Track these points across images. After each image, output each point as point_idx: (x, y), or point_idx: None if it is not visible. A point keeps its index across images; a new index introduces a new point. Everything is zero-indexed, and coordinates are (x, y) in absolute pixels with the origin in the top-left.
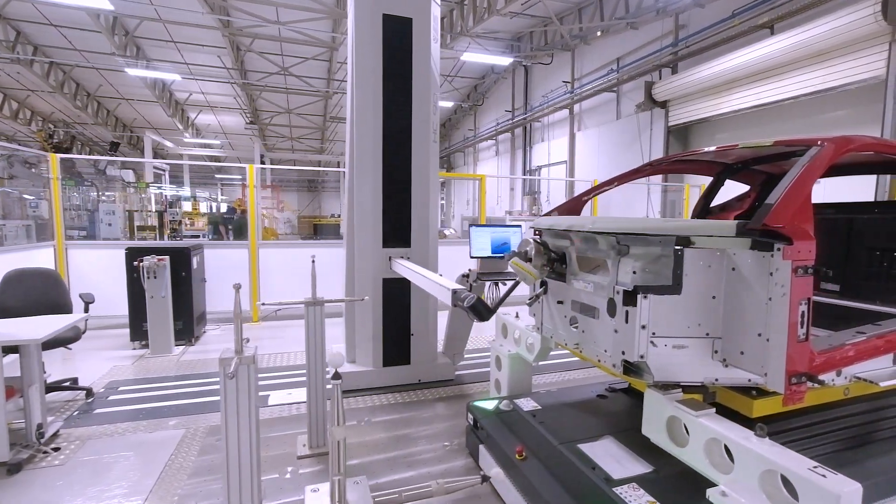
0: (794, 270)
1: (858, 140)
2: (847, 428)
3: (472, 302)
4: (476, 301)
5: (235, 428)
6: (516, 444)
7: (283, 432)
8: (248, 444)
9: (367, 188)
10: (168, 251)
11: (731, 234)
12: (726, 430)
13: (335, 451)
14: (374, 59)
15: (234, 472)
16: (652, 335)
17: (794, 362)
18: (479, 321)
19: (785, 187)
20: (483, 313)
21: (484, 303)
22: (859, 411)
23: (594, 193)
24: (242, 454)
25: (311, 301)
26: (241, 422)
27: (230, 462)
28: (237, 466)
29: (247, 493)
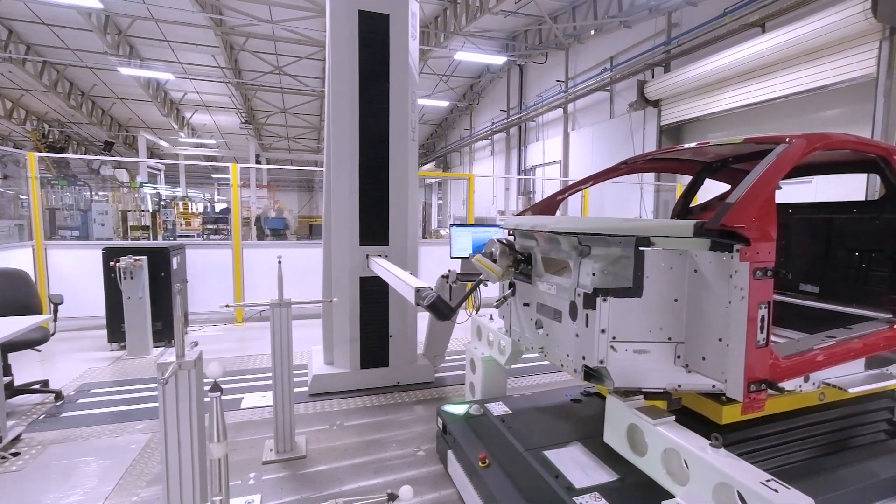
0: (753, 273)
1: (827, 138)
2: (822, 434)
3: (433, 300)
4: (436, 299)
5: (175, 438)
6: (481, 450)
7: (253, 436)
8: (189, 455)
9: (344, 185)
10: (146, 251)
11: (689, 234)
12: (683, 439)
13: (215, 470)
14: (349, 56)
15: (175, 487)
16: (612, 339)
17: (754, 369)
18: (439, 320)
19: (746, 186)
20: (443, 312)
21: (444, 302)
22: (835, 417)
23: (569, 193)
24: (184, 467)
25: (278, 302)
26: (182, 431)
27: (170, 477)
28: (178, 481)
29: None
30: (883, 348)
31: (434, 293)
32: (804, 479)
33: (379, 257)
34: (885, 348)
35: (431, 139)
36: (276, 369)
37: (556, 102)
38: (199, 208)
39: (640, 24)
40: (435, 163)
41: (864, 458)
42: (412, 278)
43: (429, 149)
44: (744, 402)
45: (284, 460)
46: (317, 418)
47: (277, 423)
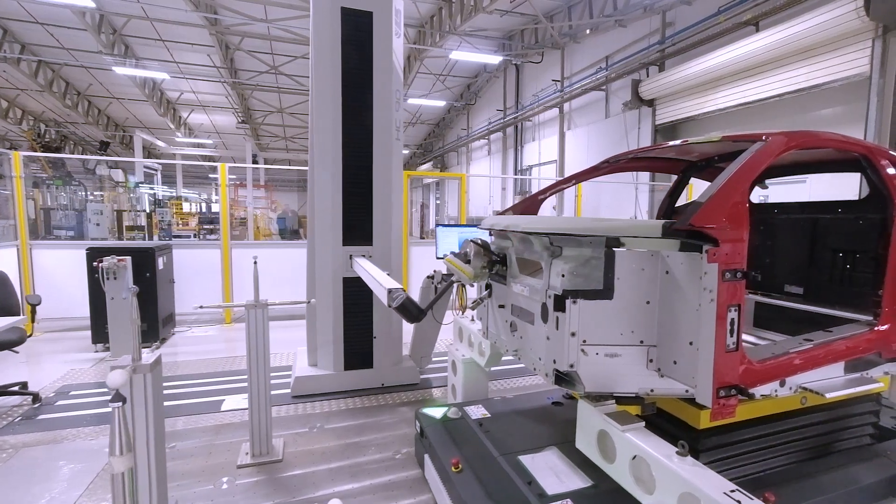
0: (722, 274)
1: (804, 136)
2: (805, 439)
3: (401, 301)
4: (405, 301)
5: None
6: (455, 455)
7: (231, 439)
8: (144, 463)
9: (326, 184)
10: (130, 251)
11: (658, 234)
12: (650, 446)
13: (118, 486)
14: (332, 54)
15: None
16: (583, 343)
17: (723, 373)
18: (408, 322)
19: (717, 186)
20: (412, 314)
21: (414, 303)
22: (818, 420)
23: (551, 192)
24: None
25: (253, 304)
26: (138, 438)
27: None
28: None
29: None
30: (862, 351)
31: (404, 294)
32: (784, 485)
33: (362, 258)
34: (864, 351)
35: (429, 139)
36: (252, 372)
37: (551, 102)
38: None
39: (636, 23)
40: (432, 163)
41: (847, 462)
42: (386, 279)
43: (426, 149)
44: (713, 409)
45: (260, 464)
46: (297, 421)
47: (253, 426)
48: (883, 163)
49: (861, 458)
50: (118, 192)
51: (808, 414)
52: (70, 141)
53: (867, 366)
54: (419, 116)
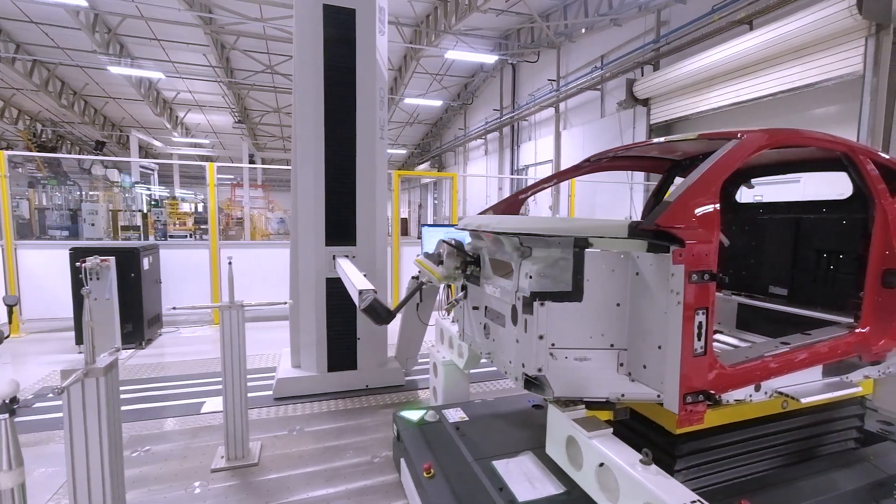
0: (688, 276)
1: (780, 134)
2: (787, 443)
3: (368, 303)
4: (373, 302)
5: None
6: (428, 459)
7: (209, 442)
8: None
9: (309, 184)
10: (114, 251)
11: (624, 235)
12: (615, 453)
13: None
14: (314, 51)
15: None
16: (551, 346)
17: (690, 379)
18: (376, 324)
19: (687, 185)
20: (380, 316)
21: (382, 305)
22: (801, 424)
23: (532, 192)
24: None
25: (227, 305)
26: (91, 445)
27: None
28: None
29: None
30: (841, 355)
31: (372, 296)
32: (763, 491)
33: (344, 258)
34: (843, 355)
35: (427, 139)
36: (227, 375)
37: (547, 101)
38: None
39: (631, 22)
40: (430, 163)
41: (829, 468)
42: (360, 280)
43: (424, 148)
44: (679, 415)
45: (234, 468)
46: (277, 423)
47: (228, 429)
48: (864, 161)
49: (844, 463)
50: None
51: (791, 418)
52: (67, 141)
53: (847, 369)
54: (416, 116)
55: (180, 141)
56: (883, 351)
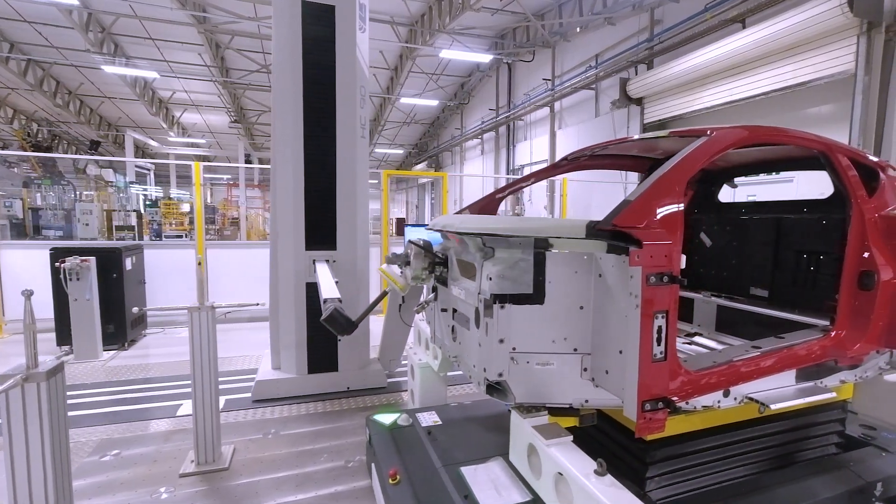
0: (646, 278)
1: (749, 131)
2: (765, 448)
3: (328, 314)
4: (333, 313)
5: (24, 461)
6: (395, 465)
7: (181, 445)
8: (40, 479)
9: (288, 186)
10: (95, 252)
11: (581, 235)
12: (571, 462)
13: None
14: (292, 48)
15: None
16: (512, 350)
17: (649, 386)
18: (338, 335)
19: (648, 183)
20: (342, 327)
21: (343, 315)
22: (780, 429)
23: (509, 191)
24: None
25: (197, 307)
26: (32, 452)
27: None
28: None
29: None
30: (815, 359)
31: (332, 305)
32: (737, 499)
33: (322, 263)
34: (817, 359)
35: (424, 139)
36: (197, 377)
37: (542, 101)
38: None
39: (625, 21)
40: (427, 162)
41: (807, 474)
42: (328, 288)
43: (421, 148)
44: (637, 423)
45: (204, 472)
46: (253, 426)
47: (198, 433)
48: (841, 160)
49: (823, 470)
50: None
51: (769, 423)
52: (63, 140)
53: (822, 373)
54: (413, 116)
55: (176, 141)
56: (859, 355)
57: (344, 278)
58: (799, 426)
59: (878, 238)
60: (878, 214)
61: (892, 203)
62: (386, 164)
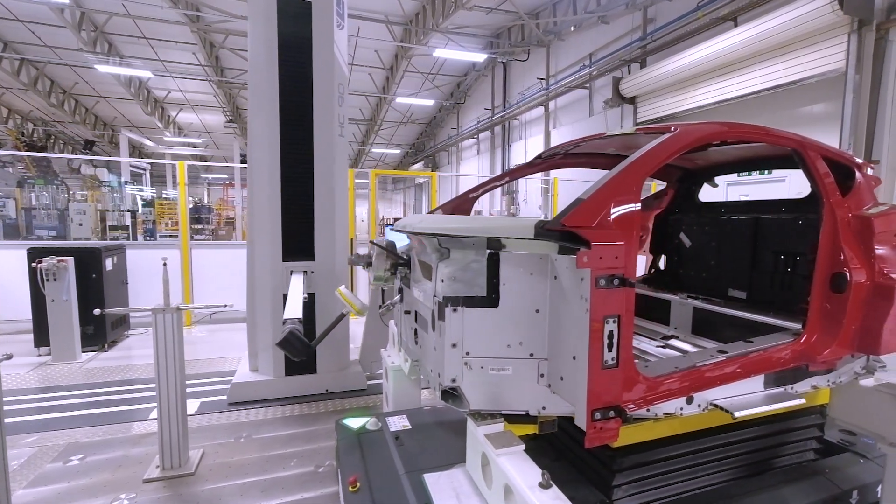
0: (595, 281)
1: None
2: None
3: (283, 337)
4: (287, 335)
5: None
6: (357, 471)
7: (149, 450)
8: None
9: (263, 194)
10: (73, 252)
11: (530, 235)
12: (517, 473)
13: None
14: (268, 46)
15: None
16: (466, 355)
17: (599, 393)
18: (294, 358)
19: (603, 181)
20: (296, 349)
21: (298, 338)
22: (756, 435)
23: (483, 190)
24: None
25: (161, 308)
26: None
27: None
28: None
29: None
30: (784, 364)
31: (289, 328)
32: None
33: (299, 275)
34: (786, 364)
35: (421, 138)
36: (161, 381)
37: (537, 100)
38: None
39: (618, 19)
40: (424, 162)
41: (782, 482)
42: (292, 308)
43: (418, 148)
44: (587, 433)
45: (168, 478)
46: (226, 430)
47: (163, 438)
48: (814, 158)
49: (798, 477)
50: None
51: (743, 428)
52: (59, 140)
53: (793, 378)
54: (410, 116)
55: (172, 140)
56: (831, 359)
57: (322, 289)
58: (775, 432)
59: (851, 239)
60: (851, 214)
61: (867, 203)
62: (384, 163)
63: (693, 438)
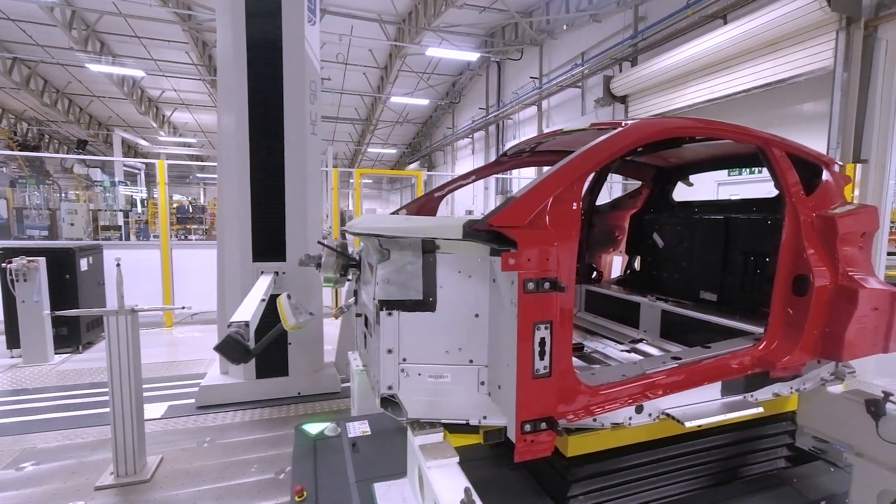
0: (523, 284)
1: (661, 125)
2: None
3: (221, 341)
4: (226, 339)
5: None
6: (305, 480)
7: (106, 455)
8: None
9: (233, 193)
10: (46, 252)
11: (458, 236)
12: (442, 488)
13: None
14: (237, 43)
15: None
16: (403, 361)
17: (529, 404)
18: (232, 363)
19: (538, 179)
20: (237, 355)
21: (239, 343)
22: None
23: (448, 189)
24: None
25: (114, 311)
26: None
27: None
28: None
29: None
30: (741, 370)
31: (228, 331)
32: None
33: (270, 276)
34: (744, 370)
35: (417, 138)
36: (115, 385)
37: (530, 99)
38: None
39: (610, 18)
40: (420, 162)
41: (749, 491)
42: (243, 310)
43: (415, 148)
44: (517, 446)
45: (121, 485)
46: (189, 434)
47: (117, 444)
48: (778, 156)
49: (765, 486)
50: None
51: (711, 436)
52: (55, 140)
53: (752, 386)
54: (406, 116)
55: (167, 140)
56: (792, 366)
57: (295, 290)
58: (745, 439)
59: (814, 239)
60: (815, 214)
61: (834, 202)
62: (380, 163)
63: (658, 446)
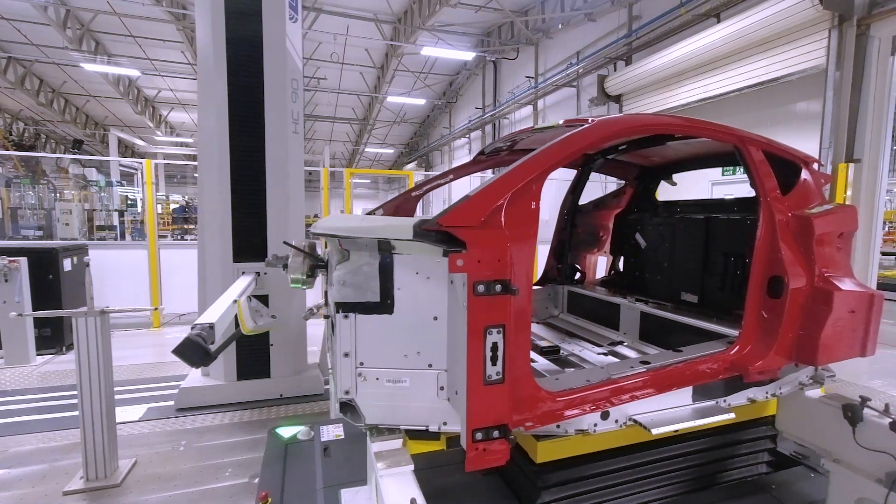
0: (472, 287)
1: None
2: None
3: (180, 343)
4: (184, 341)
5: None
6: (271, 486)
7: (77, 459)
8: None
9: (213, 192)
10: (28, 252)
11: (409, 236)
12: (390, 498)
13: None
14: (216, 39)
15: None
16: (360, 365)
17: (480, 412)
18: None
19: (494, 178)
20: (197, 358)
21: (198, 346)
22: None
23: (426, 189)
24: None
25: (83, 312)
26: None
27: None
28: None
29: None
30: (713, 375)
31: (189, 334)
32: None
33: (249, 276)
34: (716, 375)
35: (414, 138)
36: (84, 387)
37: (526, 99)
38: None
39: (605, 17)
40: (417, 162)
41: (726, 498)
42: (213, 311)
43: (412, 147)
44: (467, 455)
45: (91, 490)
46: (166, 437)
47: (87, 448)
48: (754, 154)
49: (743, 493)
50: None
51: (689, 441)
52: (51, 140)
53: (725, 391)
54: (403, 115)
55: (164, 140)
56: (766, 370)
57: (276, 292)
58: (725, 444)
59: (789, 240)
60: (791, 214)
61: (812, 201)
62: (378, 163)
63: (632, 452)
